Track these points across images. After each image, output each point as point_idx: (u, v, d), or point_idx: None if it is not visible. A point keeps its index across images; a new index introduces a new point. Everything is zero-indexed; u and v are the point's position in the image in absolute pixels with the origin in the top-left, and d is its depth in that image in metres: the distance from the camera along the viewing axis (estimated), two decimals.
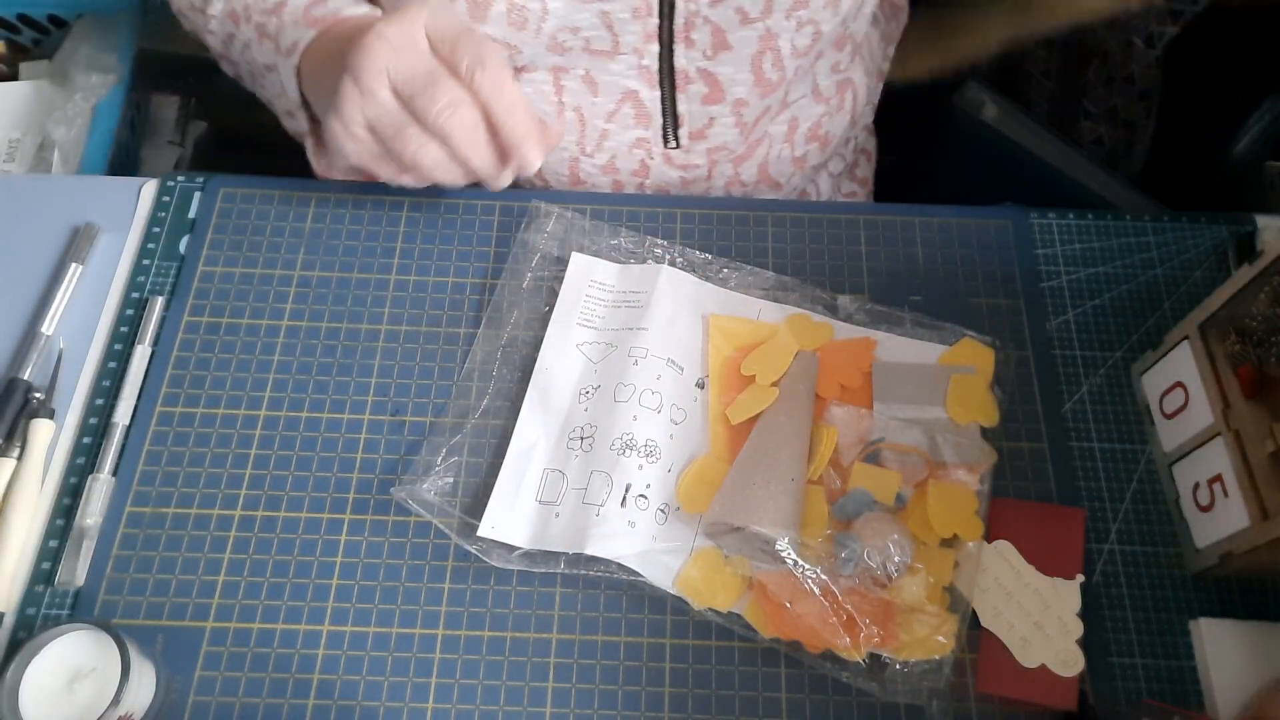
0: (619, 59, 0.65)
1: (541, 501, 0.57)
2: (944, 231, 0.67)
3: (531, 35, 0.62)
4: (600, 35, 0.63)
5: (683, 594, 0.54)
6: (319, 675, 0.53)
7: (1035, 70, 1.04)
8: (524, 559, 0.55)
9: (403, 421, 0.60)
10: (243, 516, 0.57)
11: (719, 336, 0.62)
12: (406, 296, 0.64)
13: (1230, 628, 0.54)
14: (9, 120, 0.92)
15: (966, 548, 0.55)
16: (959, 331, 0.61)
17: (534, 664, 0.54)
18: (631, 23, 0.63)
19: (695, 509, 0.56)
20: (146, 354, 0.62)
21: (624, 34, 0.63)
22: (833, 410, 0.59)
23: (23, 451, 0.58)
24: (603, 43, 0.64)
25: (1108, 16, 0.89)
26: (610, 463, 0.56)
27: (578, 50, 0.64)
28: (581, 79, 0.67)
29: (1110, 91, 0.96)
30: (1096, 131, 0.99)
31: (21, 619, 0.55)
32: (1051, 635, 0.53)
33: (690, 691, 0.53)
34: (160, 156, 1.00)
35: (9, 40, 0.96)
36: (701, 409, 0.60)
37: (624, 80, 0.66)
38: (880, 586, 0.53)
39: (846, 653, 0.52)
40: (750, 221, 0.67)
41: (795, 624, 0.53)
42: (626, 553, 0.54)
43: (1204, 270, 0.66)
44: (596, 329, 0.62)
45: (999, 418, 0.59)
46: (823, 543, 0.54)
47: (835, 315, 0.63)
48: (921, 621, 0.53)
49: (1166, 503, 0.58)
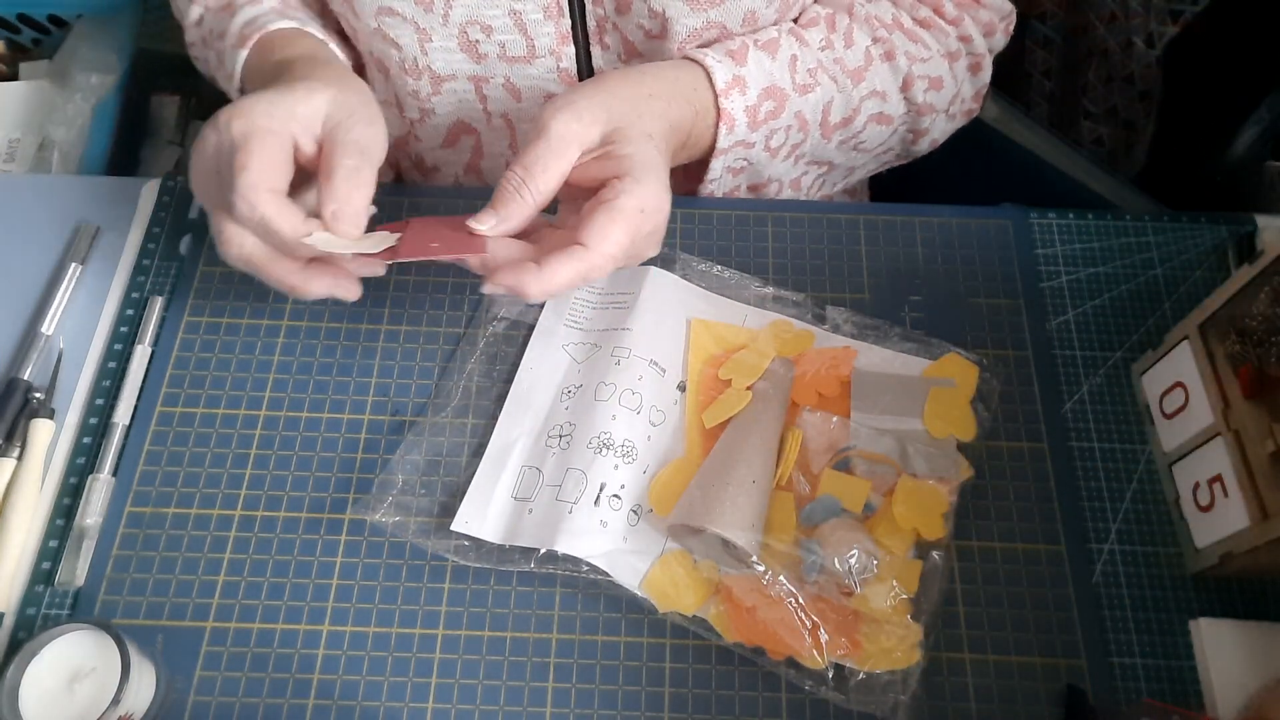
0: (537, 63, 0.65)
1: (516, 498, 0.57)
2: (943, 231, 0.67)
3: (439, 21, 0.62)
4: (515, 40, 0.63)
5: (648, 596, 0.54)
6: (319, 675, 0.53)
7: (1035, 70, 1.04)
8: (492, 556, 0.55)
9: (402, 421, 0.60)
10: (243, 516, 0.57)
11: (700, 340, 0.62)
12: (406, 296, 0.64)
13: (1230, 628, 0.54)
14: (9, 120, 0.92)
15: (933, 559, 0.54)
16: (945, 347, 0.61)
17: (534, 664, 0.54)
18: (544, 23, 0.63)
19: (666, 511, 0.56)
20: (146, 354, 0.62)
21: (538, 36, 0.63)
22: (804, 416, 0.58)
23: (23, 451, 0.58)
24: (518, 48, 0.64)
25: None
26: (586, 461, 0.56)
27: (494, 57, 0.65)
28: (503, 86, 0.67)
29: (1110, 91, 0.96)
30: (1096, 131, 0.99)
31: (21, 619, 0.55)
32: None
33: (690, 691, 0.53)
34: (160, 156, 1.00)
35: (9, 40, 0.97)
36: (681, 412, 0.60)
37: (545, 84, 0.66)
38: (846, 595, 0.53)
39: (810, 661, 0.51)
40: (750, 221, 0.67)
41: (759, 629, 0.52)
42: (596, 552, 0.54)
43: (1204, 270, 0.66)
44: (582, 329, 0.62)
45: (976, 434, 0.58)
46: (789, 548, 0.54)
47: (823, 324, 0.63)
48: (887, 632, 0.52)
49: (1166, 503, 0.58)
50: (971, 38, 0.69)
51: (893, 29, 0.66)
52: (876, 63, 0.66)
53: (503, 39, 0.63)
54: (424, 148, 0.74)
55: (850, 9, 0.67)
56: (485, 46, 0.64)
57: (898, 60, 0.66)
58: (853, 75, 0.65)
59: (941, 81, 0.68)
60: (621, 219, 0.51)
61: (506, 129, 0.70)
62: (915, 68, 0.66)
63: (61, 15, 0.96)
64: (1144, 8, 0.90)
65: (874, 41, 0.66)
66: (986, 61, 0.71)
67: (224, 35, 0.62)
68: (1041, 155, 0.84)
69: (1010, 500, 0.58)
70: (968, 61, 0.70)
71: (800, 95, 0.63)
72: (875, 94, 0.66)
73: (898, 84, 0.66)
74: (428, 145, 0.73)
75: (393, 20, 0.62)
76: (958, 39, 0.68)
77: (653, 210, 0.52)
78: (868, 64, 0.65)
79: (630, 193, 0.51)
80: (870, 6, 0.67)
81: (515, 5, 0.62)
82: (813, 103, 0.64)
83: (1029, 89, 1.06)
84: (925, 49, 0.67)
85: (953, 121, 0.73)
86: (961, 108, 0.73)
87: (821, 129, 0.66)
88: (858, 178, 0.78)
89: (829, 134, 0.66)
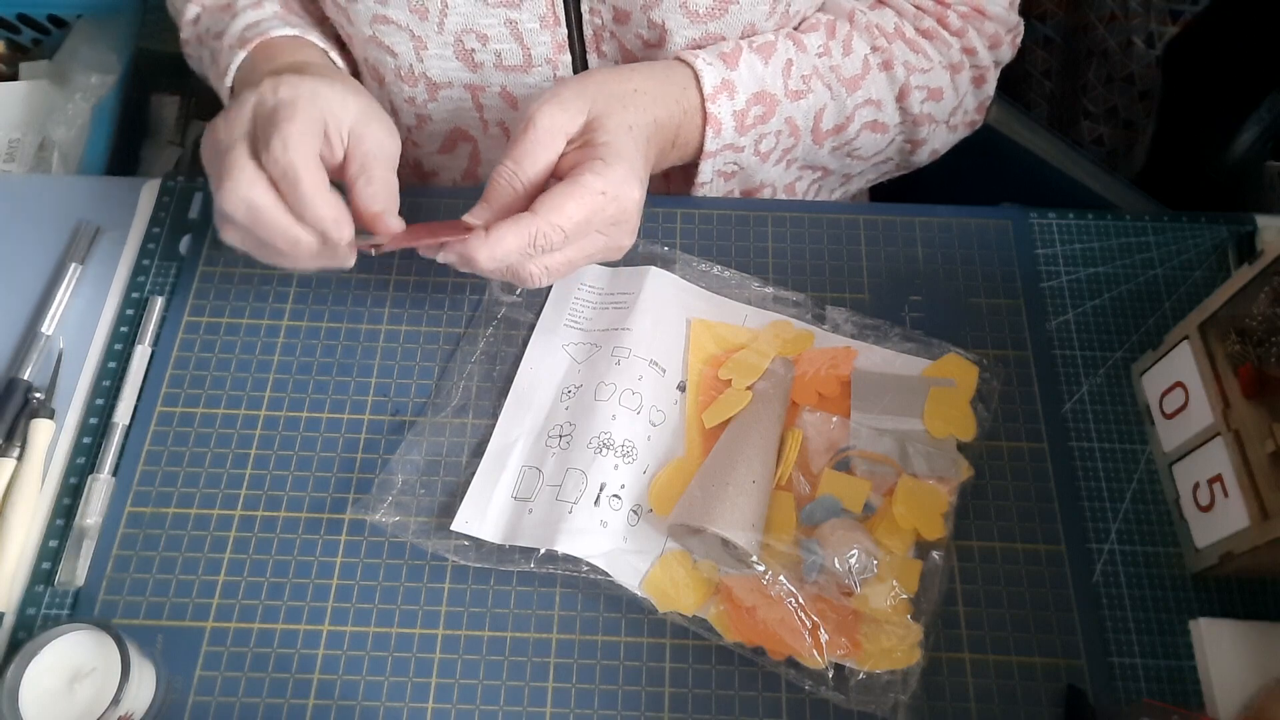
0: (533, 71, 0.65)
1: (517, 498, 0.57)
2: (944, 231, 0.67)
3: (434, 29, 0.62)
4: (511, 49, 0.63)
5: (648, 596, 0.54)
6: (319, 675, 0.53)
7: (1035, 70, 1.04)
8: (492, 556, 0.55)
9: (402, 421, 0.60)
10: (243, 516, 0.57)
11: (700, 340, 0.62)
12: (406, 296, 0.64)
13: (1230, 628, 0.54)
14: (9, 120, 0.92)
15: (933, 558, 0.54)
16: (945, 347, 0.61)
17: (534, 664, 0.54)
18: (540, 32, 0.63)
19: (665, 512, 0.56)
20: (146, 354, 0.62)
21: (535, 45, 0.63)
22: (804, 416, 0.58)
23: (23, 451, 0.58)
24: (514, 57, 0.64)
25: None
26: (586, 461, 0.56)
27: (490, 66, 0.65)
28: (499, 94, 0.67)
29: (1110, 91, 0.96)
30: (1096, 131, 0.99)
31: (21, 619, 0.55)
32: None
33: (690, 691, 0.53)
34: (160, 156, 1.00)
35: (9, 40, 0.97)
36: (681, 412, 0.60)
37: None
38: (846, 595, 0.53)
39: (810, 661, 0.51)
40: (750, 222, 0.67)
41: (759, 629, 0.52)
42: (596, 552, 0.54)
43: (1204, 270, 0.66)
44: (583, 329, 0.62)
45: (976, 433, 0.58)
46: (789, 549, 0.54)
47: (822, 324, 0.63)
48: (887, 632, 0.52)
49: (1166, 503, 0.58)
50: (976, 50, 0.68)
51: (893, 38, 0.66)
52: (874, 71, 0.65)
53: (499, 48, 0.63)
54: (422, 153, 0.74)
55: (851, 16, 0.66)
56: (481, 55, 0.64)
57: (895, 70, 0.65)
58: (848, 83, 0.65)
59: (941, 92, 0.68)
60: (578, 193, 0.51)
61: (503, 136, 0.70)
62: (914, 78, 0.66)
63: (61, 15, 0.96)
64: (1144, 8, 0.90)
65: (873, 50, 0.65)
66: (991, 74, 0.71)
67: (222, 35, 0.62)
68: (1041, 155, 0.84)
69: (1010, 500, 0.58)
70: (971, 74, 0.69)
71: (792, 101, 0.63)
72: (870, 102, 0.66)
73: (894, 93, 0.66)
74: (425, 151, 0.73)
75: (387, 28, 0.62)
76: (961, 50, 0.68)
77: (614, 196, 0.52)
78: (865, 72, 0.65)
79: (596, 173, 0.52)
80: (873, 15, 0.67)
81: (511, 14, 0.62)
82: (805, 109, 0.64)
83: (1029, 89, 1.06)
84: (926, 60, 0.67)
85: (954, 133, 0.73)
86: (964, 119, 0.72)
87: (813, 135, 0.65)
88: (856, 186, 0.78)
89: (821, 140, 0.66)
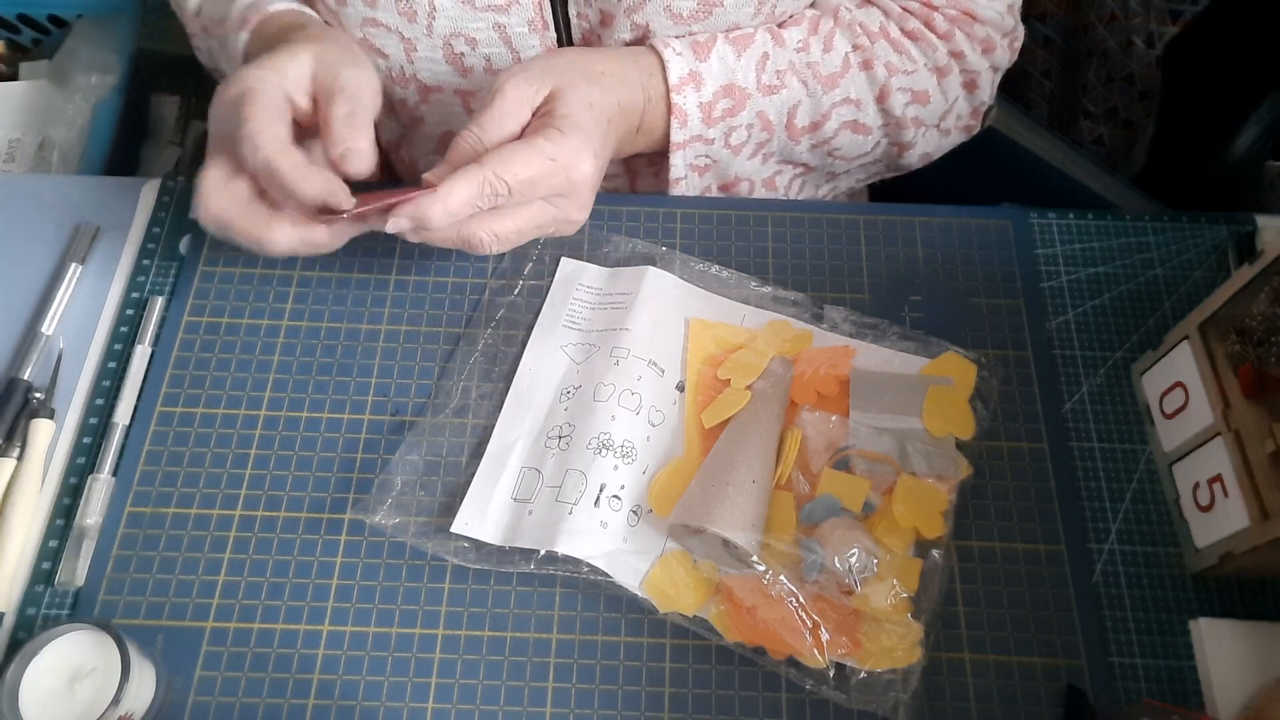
0: None
1: (516, 499, 0.57)
2: (944, 232, 0.67)
3: (423, 31, 0.62)
4: (500, 53, 0.63)
5: (649, 596, 0.54)
6: (319, 675, 0.53)
7: (1035, 70, 1.04)
8: (492, 558, 0.55)
9: (402, 421, 0.60)
10: (243, 516, 0.57)
11: (699, 340, 0.62)
12: (406, 296, 0.64)
13: (1230, 628, 0.54)
14: (9, 120, 0.92)
15: (932, 557, 0.55)
16: (944, 346, 0.61)
17: (534, 664, 0.54)
18: (529, 36, 0.63)
19: (665, 512, 0.56)
20: (146, 354, 0.62)
21: (524, 49, 0.63)
22: (803, 415, 0.58)
23: (23, 451, 0.58)
24: (503, 61, 0.64)
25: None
26: (585, 462, 0.56)
27: (480, 70, 0.65)
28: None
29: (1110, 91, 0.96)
30: (1096, 131, 0.99)
31: (21, 619, 0.55)
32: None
33: (690, 691, 0.53)
34: (160, 156, 1.00)
35: (9, 40, 0.97)
36: (680, 412, 0.60)
37: None
38: (846, 594, 0.53)
39: (811, 660, 0.51)
40: (750, 222, 0.67)
41: (760, 629, 0.52)
42: (596, 553, 0.54)
43: (1204, 270, 0.66)
44: (581, 330, 0.62)
45: (975, 432, 0.58)
46: (789, 548, 0.54)
47: (821, 324, 0.63)
48: (888, 631, 0.52)
49: (1166, 503, 0.58)
50: (964, 53, 0.67)
51: (876, 38, 0.66)
52: (854, 70, 0.65)
53: (488, 51, 0.63)
54: (416, 153, 0.74)
55: (836, 13, 0.66)
56: (470, 59, 0.64)
57: (876, 70, 0.65)
58: (825, 80, 0.64)
59: (927, 95, 0.67)
60: (526, 151, 0.52)
61: None
62: (895, 79, 0.65)
63: (61, 15, 0.96)
64: (1144, 8, 0.90)
65: (854, 49, 0.65)
66: (984, 79, 0.70)
67: (224, 20, 0.62)
68: (1041, 155, 0.84)
69: (1010, 500, 0.58)
70: (961, 78, 0.69)
71: (764, 95, 0.63)
72: (849, 101, 0.65)
73: (874, 94, 0.66)
74: (420, 151, 0.73)
75: (377, 30, 0.62)
76: (948, 54, 0.67)
77: (564, 165, 0.53)
78: (844, 71, 0.65)
79: (548, 138, 0.53)
80: (858, 13, 0.66)
81: (499, 18, 0.62)
82: (777, 104, 0.63)
83: (1029, 89, 1.06)
84: (910, 61, 0.66)
85: (946, 137, 0.72)
86: (957, 124, 0.72)
87: (788, 130, 0.65)
88: (845, 185, 0.77)
89: (796, 136, 0.66)
